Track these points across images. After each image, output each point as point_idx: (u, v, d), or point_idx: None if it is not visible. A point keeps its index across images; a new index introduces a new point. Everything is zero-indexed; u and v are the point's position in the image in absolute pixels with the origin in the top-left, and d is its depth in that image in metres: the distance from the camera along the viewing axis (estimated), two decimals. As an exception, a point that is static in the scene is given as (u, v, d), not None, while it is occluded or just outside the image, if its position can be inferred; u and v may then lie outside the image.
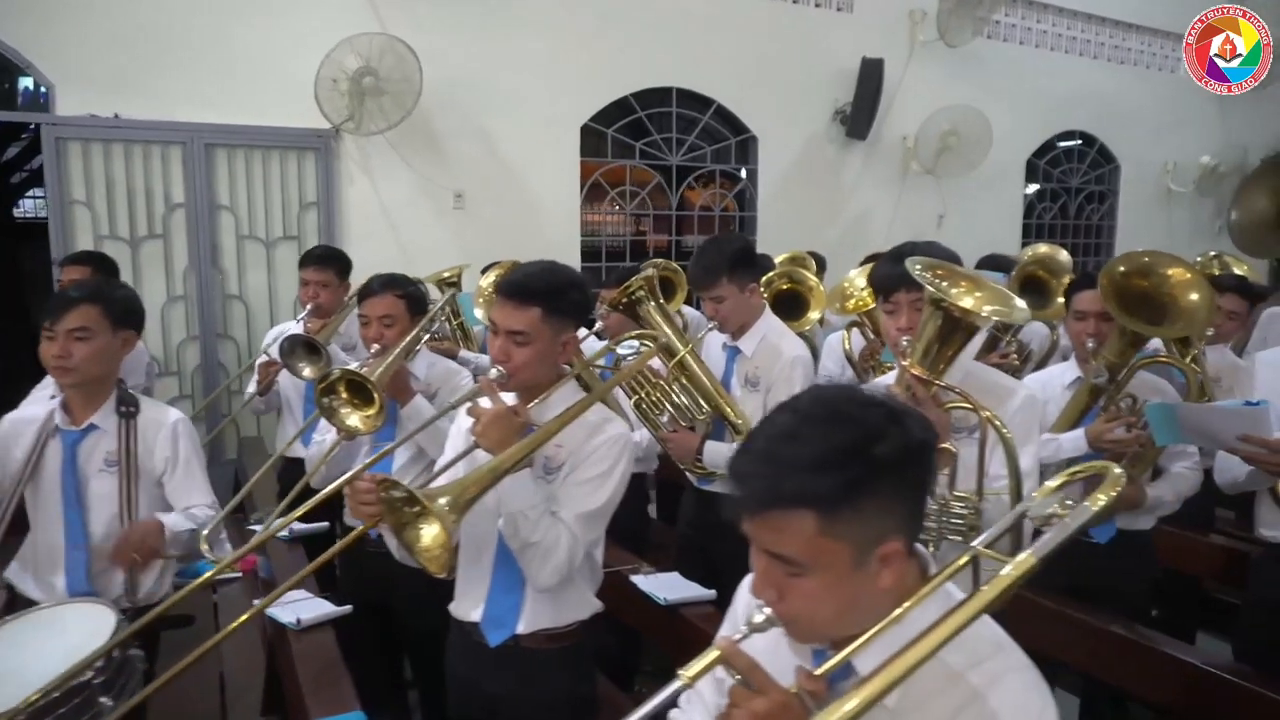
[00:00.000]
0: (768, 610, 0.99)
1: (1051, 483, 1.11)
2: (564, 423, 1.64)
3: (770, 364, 2.55)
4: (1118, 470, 1.05)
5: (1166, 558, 3.14)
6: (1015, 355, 3.77)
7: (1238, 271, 4.35)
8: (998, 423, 1.74)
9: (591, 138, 5.71)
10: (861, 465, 0.94)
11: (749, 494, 0.97)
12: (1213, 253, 5.34)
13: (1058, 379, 2.71)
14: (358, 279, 4.94)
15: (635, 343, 2.13)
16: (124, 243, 4.48)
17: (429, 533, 1.45)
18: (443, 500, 1.41)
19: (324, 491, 1.89)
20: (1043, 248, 4.07)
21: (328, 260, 3.35)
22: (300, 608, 2.27)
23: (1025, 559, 0.98)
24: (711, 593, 2.41)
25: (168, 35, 4.40)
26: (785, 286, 3.73)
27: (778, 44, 6.08)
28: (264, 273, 4.81)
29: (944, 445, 1.75)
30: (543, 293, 1.67)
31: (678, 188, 6.01)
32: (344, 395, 2.19)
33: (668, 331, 2.64)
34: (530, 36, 5.28)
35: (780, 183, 6.29)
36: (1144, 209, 8.07)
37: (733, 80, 5.99)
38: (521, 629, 1.78)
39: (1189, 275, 2.44)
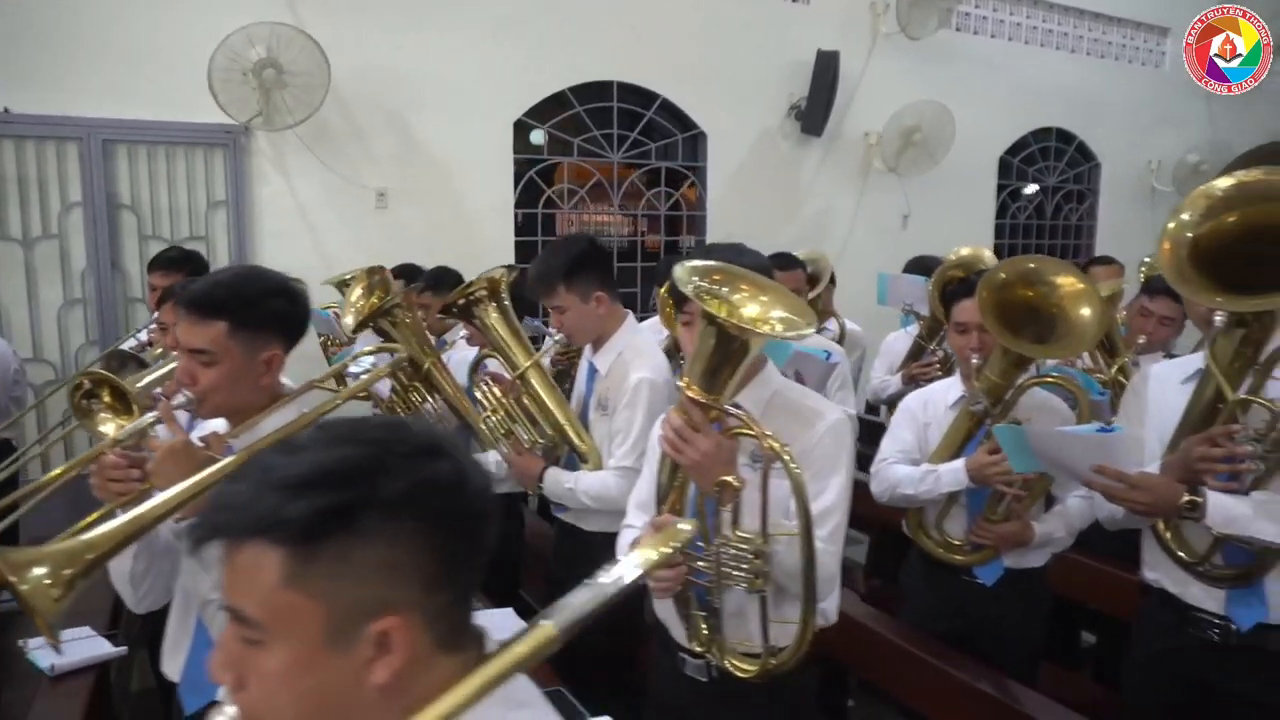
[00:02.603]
0: (230, 710, 0.75)
1: (637, 555, 0.86)
2: (245, 459, 1.39)
3: (618, 385, 2.30)
4: (684, 526, 0.81)
5: (1091, 596, 2.87)
6: (939, 365, 3.50)
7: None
8: (786, 456, 1.48)
9: (529, 134, 5.47)
10: (351, 493, 0.70)
11: (211, 519, 0.73)
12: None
13: (940, 397, 2.44)
14: (273, 281, 4.80)
15: (370, 359, 1.89)
16: (16, 243, 4.27)
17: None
18: (40, 570, 1.16)
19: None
20: (965, 250, 3.78)
21: (180, 264, 3.12)
22: (66, 649, 2.04)
23: (544, 629, 0.73)
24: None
25: (62, 24, 4.19)
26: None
27: (728, 36, 5.81)
28: (170, 275, 4.59)
29: (726, 478, 1.51)
30: (228, 305, 1.44)
31: (619, 187, 5.75)
32: (106, 400, 1.96)
33: (509, 341, 2.40)
34: (458, 27, 5.04)
35: (732, 181, 6.01)
36: (1126, 208, 7.74)
37: (679, 74, 5.72)
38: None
39: (1080, 285, 2.17)
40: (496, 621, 2.25)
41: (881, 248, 6.23)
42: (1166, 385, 1.94)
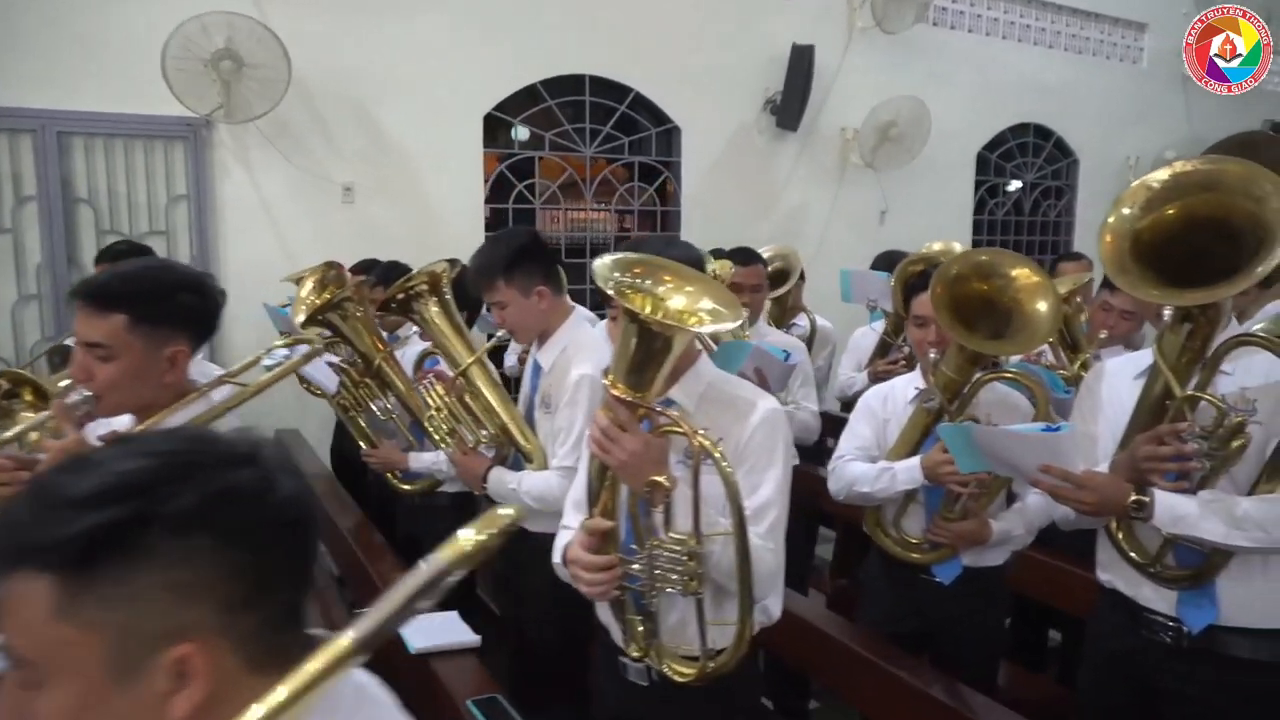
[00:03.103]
0: None
1: (446, 550, 0.78)
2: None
3: (560, 382, 2.23)
4: (505, 512, 0.74)
5: (1053, 594, 2.81)
6: (904, 361, 3.46)
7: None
8: (716, 453, 1.43)
9: (501, 128, 5.40)
10: (129, 510, 0.63)
11: None
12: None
13: (900, 392, 2.39)
14: (236, 278, 4.72)
15: (284, 351, 1.82)
16: (-32, 238, 4.19)
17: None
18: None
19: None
20: (937, 244, 3.74)
21: (127, 257, 3.04)
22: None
23: (339, 643, 0.66)
24: (475, 639, 2.10)
25: (15, 12, 4.09)
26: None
27: (702, 29, 5.74)
28: (129, 270, 4.50)
29: (657, 478, 1.46)
30: (129, 297, 1.37)
31: (593, 182, 5.69)
32: (27, 399, 1.89)
33: (451, 338, 2.33)
34: (427, 19, 4.95)
35: (706, 176, 5.96)
36: (1104, 205, 7.54)
37: (653, 67, 5.66)
38: None
39: (1035, 279, 2.13)
40: (439, 625, 2.19)
41: (859, 244, 6.18)
42: (1119, 381, 1.90)
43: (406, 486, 2.83)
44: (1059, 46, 7.33)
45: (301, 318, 2.84)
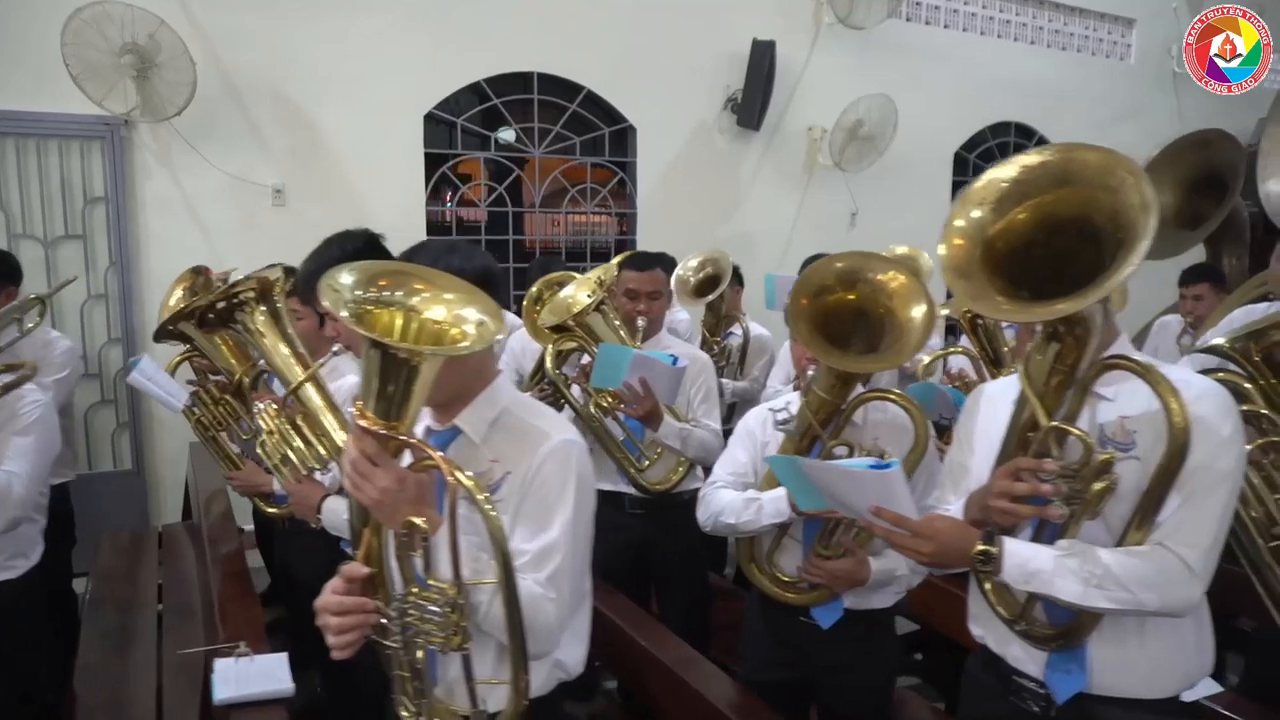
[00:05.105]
0: None
1: None
2: None
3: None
4: None
5: (957, 628, 2.58)
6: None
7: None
8: (480, 495, 1.22)
9: (441, 127, 5.21)
10: None
11: None
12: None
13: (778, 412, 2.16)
14: (158, 284, 4.53)
15: None
16: None
17: None
18: None
19: None
20: (901, 249, 3.47)
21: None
22: None
23: None
24: (288, 688, 1.89)
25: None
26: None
27: (657, 23, 5.51)
28: (43, 275, 4.33)
29: (414, 519, 1.25)
30: None
31: (542, 182, 5.48)
32: None
33: (282, 353, 2.12)
34: (364, 13, 4.76)
35: (664, 177, 5.73)
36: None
37: (605, 64, 5.44)
38: None
39: (903, 281, 1.89)
40: (258, 669, 1.98)
41: (828, 247, 5.83)
42: (998, 405, 1.66)
43: (273, 510, 2.62)
44: (1041, 42, 7.06)
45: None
